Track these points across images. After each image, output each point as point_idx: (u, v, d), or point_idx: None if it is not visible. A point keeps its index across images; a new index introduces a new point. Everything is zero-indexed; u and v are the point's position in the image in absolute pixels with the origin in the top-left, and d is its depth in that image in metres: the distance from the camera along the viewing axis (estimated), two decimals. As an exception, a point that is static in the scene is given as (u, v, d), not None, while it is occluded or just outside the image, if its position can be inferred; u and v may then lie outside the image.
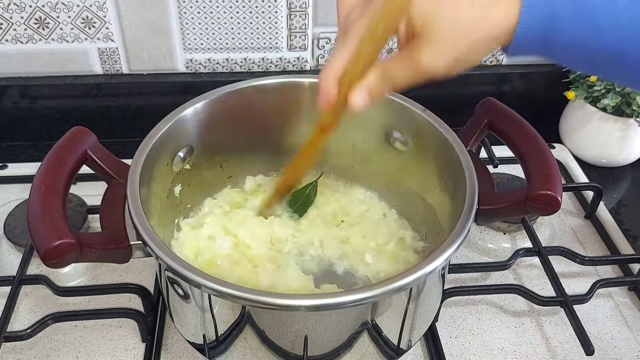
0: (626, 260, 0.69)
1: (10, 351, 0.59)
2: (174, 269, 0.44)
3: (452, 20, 0.38)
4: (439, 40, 0.39)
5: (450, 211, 0.56)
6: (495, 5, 0.38)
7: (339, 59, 0.42)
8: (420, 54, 0.39)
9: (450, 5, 0.38)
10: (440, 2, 0.38)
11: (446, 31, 0.38)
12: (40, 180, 0.49)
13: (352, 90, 0.42)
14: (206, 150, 0.63)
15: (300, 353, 0.48)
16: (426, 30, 0.38)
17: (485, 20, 0.38)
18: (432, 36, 0.38)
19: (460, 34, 0.38)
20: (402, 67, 0.41)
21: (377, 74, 0.42)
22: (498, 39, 0.39)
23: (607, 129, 0.81)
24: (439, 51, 0.39)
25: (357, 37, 0.41)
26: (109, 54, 0.82)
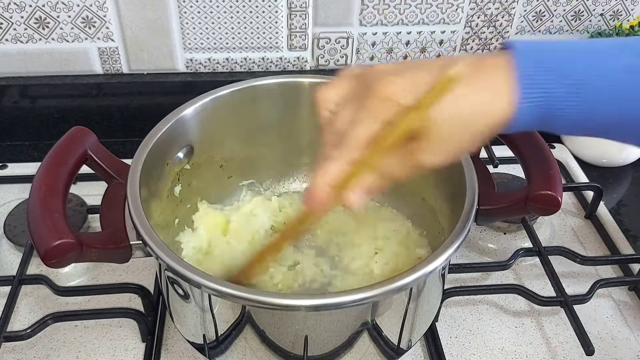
0: (626, 260, 0.69)
1: (10, 351, 0.59)
2: (174, 269, 0.44)
3: (453, 120, 0.38)
4: (439, 139, 0.39)
5: (450, 211, 0.56)
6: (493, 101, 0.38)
7: (337, 169, 0.40)
8: (420, 155, 0.39)
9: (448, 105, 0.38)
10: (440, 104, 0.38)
11: (446, 131, 0.38)
12: (40, 180, 0.49)
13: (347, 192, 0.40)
14: (206, 150, 0.63)
15: (300, 353, 0.48)
16: (426, 130, 0.38)
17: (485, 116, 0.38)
18: (432, 136, 0.38)
19: (460, 131, 0.39)
20: (401, 166, 0.41)
21: (374, 174, 0.41)
22: (497, 128, 0.39)
23: (607, 129, 0.81)
24: (441, 150, 0.39)
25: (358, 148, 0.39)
26: (109, 53, 0.82)
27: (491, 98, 0.38)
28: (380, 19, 0.82)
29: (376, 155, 0.39)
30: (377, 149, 0.39)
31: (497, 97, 0.38)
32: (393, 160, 0.40)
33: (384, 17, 0.82)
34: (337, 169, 0.40)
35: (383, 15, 0.82)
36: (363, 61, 0.86)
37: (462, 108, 0.38)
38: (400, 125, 0.38)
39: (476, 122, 0.38)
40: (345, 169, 0.40)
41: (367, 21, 0.82)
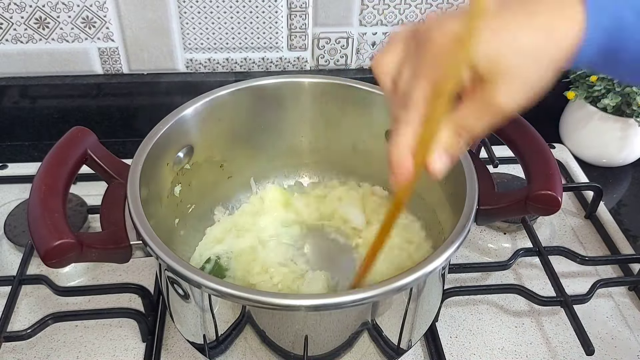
0: (626, 260, 0.69)
1: (10, 351, 0.59)
2: (174, 269, 0.44)
3: (518, 51, 0.35)
4: (513, 76, 0.36)
5: (450, 211, 0.56)
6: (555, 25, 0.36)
7: (408, 129, 0.38)
8: (494, 96, 0.36)
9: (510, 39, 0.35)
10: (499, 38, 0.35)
11: (518, 66, 0.36)
12: (41, 180, 0.49)
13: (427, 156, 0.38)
14: (206, 150, 0.63)
15: (300, 353, 0.48)
16: (494, 69, 0.35)
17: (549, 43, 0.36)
18: (503, 74, 0.36)
19: (530, 62, 0.36)
20: (478, 115, 0.37)
21: (450, 130, 0.38)
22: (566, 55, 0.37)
23: (607, 129, 0.81)
24: (514, 87, 0.36)
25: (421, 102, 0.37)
26: (109, 53, 0.82)
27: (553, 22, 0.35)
28: (381, 19, 0.82)
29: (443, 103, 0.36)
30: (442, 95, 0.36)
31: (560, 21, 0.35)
32: (468, 110, 0.37)
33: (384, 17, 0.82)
34: (411, 131, 0.38)
35: (383, 15, 0.82)
36: (363, 61, 0.86)
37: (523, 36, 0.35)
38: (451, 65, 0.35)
39: (542, 51, 0.36)
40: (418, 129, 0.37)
41: (367, 21, 0.82)
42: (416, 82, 0.37)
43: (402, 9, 0.81)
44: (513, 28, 0.35)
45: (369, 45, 0.85)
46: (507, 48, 0.35)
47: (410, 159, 0.38)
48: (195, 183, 0.64)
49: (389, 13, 0.82)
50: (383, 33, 0.84)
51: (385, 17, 0.82)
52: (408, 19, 0.82)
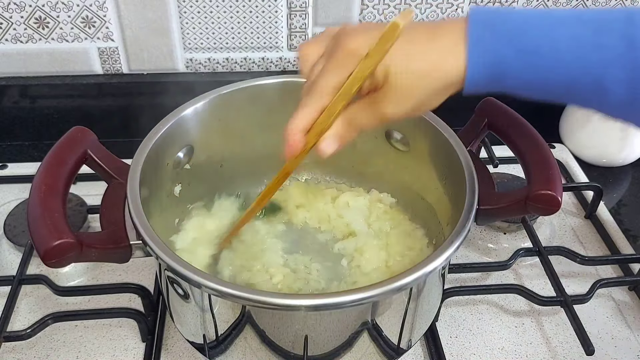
0: (626, 260, 0.69)
1: (10, 351, 0.59)
2: (174, 269, 0.44)
3: (409, 71, 0.42)
4: (399, 92, 0.42)
5: (450, 211, 0.56)
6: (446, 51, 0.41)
7: (307, 115, 0.44)
8: (383, 105, 0.43)
9: (405, 56, 0.41)
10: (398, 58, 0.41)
11: (405, 81, 0.42)
12: (40, 180, 0.49)
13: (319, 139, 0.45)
14: (206, 150, 0.63)
15: (300, 353, 0.48)
16: (387, 83, 0.42)
17: (437, 72, 0.41)
18: (392, 89, 0.42)
19: (417, 85, 0.42)
20: (367, 115, 0.44)
21: (343, 123, 0.44)
22: (452, 86, 0.42)
23: (607, 129, 0.81)
24: (400, 101, 0.43)
25: (324, 94, 0.43)
26: (109, 53, 0.82)
27: (443, 56, 0.41)
28: (381, 19, 0.82)
29: (342, 102, 0.43)
30: (343, 97, 0.43)
31: (448, 56, 0.41)
32: (360, 109, 0.44)
33: (384, 17, 0.82)
34: (308, 115, 0.44)
35: (383, 15, 0.82)
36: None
37: (417, 62, 0.42)
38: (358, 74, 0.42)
39: (430, 77, 0.42)
40: (315, 114, 0.44)
41: (367, 21, 0.82)
42: (322, 74, 0.44)
43: (402, 9, 0.81)
44: (410, 54, 0.42)
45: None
46: (400, 68, 0.42)
47: (301, 138, 0.45)
48: (195, 183, 0.64)
49: (389, 13, 0.82)
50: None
51: (385, 17, 0.82)
52: (408, 19, 0.82)
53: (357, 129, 0.45)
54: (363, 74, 0.42)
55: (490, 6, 0.83)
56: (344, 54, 0.42)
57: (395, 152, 0.64)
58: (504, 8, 0.44)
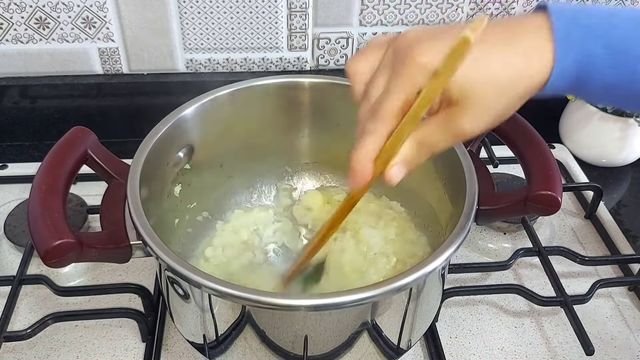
0: (626, 260, 0.69)
1: (10, 351, 0.59)
2: (174, 269, 0.44)
3: (489, 84, 0.37)
4: (478, 104, 0.38)
5: (450, 211, 0.56)
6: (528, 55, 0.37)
7: (375, 142, 0.40)
8: (460, 121, 0.38)
9: (485, 69, 0.37)
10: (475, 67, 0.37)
11: (484, 95, 0.37)
12: (41, 180, 0.49)
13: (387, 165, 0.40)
14: (206, 150, 0.63)
15: (300, 353, 0.48)
16: (463, 96, 0.38)
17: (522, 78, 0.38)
18: (471, 102, 0.38)
19: (498, 95, 0.38)
20: (441, 135, 0.40)
21: (413, 144, 0.40)
22: (533, 90, 0.39)
23: (607, 129, 0.81)
24: (479, 114, 0.38)
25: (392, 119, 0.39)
26: (109, 54, 0.82)
27: (526, 60, 0.37)
28: (381, 19, 0.82)
29: (410, 126, 0.38)
30: (413, 118, 0.38)
31: (532, 58, 0.37)
32: (432, 128, 0.40)
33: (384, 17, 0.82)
34: (376, 142, 0.40)
35: (383, 15, 0.82)
36: (363, 61, 0.86)
37: (497, 70, 0.37)
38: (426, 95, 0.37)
39: (513, 85, 0.38)
40: (382, 141, 0.39)
41: (367, 21, 0.82)
42: (389, 95, 0.39)
43: (402, 9, 0.81)
44: (488, 60, 0.37)
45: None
46: (478, 78, 0.37)
47: (370, 168, 0.40)
48: (195, 183, 0.64)
49: (389, 13, 0.82)
50: (383, 33, 0.84)
51: (385, 17, 0.82)
52: (408, 19, 0.82)
53: (430, 150, 0.40)
54: (433, 95, 0.37)
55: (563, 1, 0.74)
56: (412, 69, 0.37)
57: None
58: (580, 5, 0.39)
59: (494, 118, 0.39)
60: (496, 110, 0.39)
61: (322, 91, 0.64)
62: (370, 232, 0.63)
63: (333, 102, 0.65)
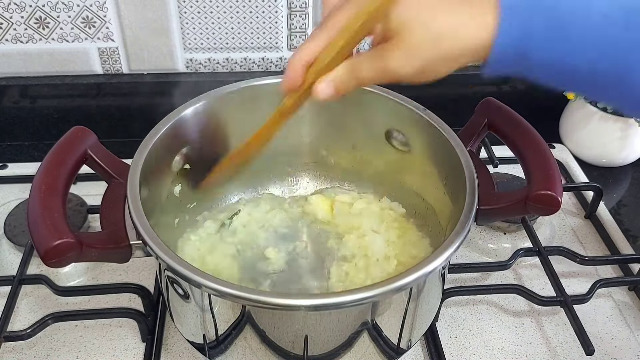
0: (626, 260, 0.69)
1: (10, 351, 0.59)
2: (174, 269, 0.44)
3: (427, 27, 0.39)
4: (411, 45, 0.39)
5: (450, 211, 0.56)
6: (471, 17, 0.38)
7: (311, 46, 0.42)
8: (390, 56, 0.40)
9: (427, 12, 0.38)
10: (418, 8, 0.38)
11: (419, 37, 0.39)
12: (40, 180, 0.49)
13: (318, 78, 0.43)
14: (206, 150, 0.63)
15: (300, 353, 0.48)
16: (400, 33, 0.39)
17: (460, 31, 0.39)
18: (404, 40, 0.39)
19: (433, 42, 0.39)
20: (371, 66, 0.41)
21: (345, 68, 0.42)
22: (471, 52, 0.39)
23: (607, 129, 0.81)
24: (408, 56, 0.40)
25: (333, 29, 0.41)
26: (109, 53, 0.82)
27: (468, 21, 0.38)
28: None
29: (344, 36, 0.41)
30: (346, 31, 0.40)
31: (473, 22, 0.38)
32: (364, 58, 0.41)
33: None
34: (312, 47, 0.42)
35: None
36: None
37: (437, 20, 0.39)
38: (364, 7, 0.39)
39: (449, 40, 0.39)
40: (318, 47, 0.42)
41: None
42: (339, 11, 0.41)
43: (402, 9, 0.81)
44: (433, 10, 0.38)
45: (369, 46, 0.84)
46: (418, 20, 0.38)
47: (301, 71, 0.43)
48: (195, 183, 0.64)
49: (389, 13, 0.82)
50: (383, 33, 0.83)
51: (385, 17, 0.82)
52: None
53: (358, 78, 0.42)
54: (369, 8, 0.39)
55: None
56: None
57: (395, 152, 0.64)
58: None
59: (419, 65, 0.40)
60: (424, 59, 0.39)
61: (322, 91, 0.64)
62: (373, 238, 0.62)
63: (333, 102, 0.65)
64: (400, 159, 0.64)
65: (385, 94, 0.62)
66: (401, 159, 0.64)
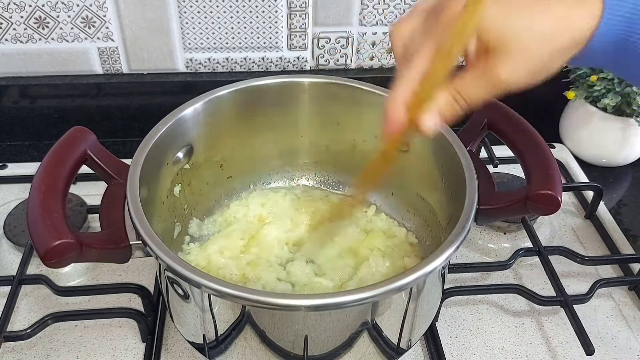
0: (626, 260, 0.69)
1: (10, 351, 0.59)
2: (174, 269, 0.44)
3: (530, 30, 0.36)
4: (517, 52, 0.37)
5: (450, 211, 0.56)
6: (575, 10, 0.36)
7: (406, 83, 0.39)
8: (497, 68, 0.37)
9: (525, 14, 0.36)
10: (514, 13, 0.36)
11: (524, 42, 0.36)
12: (40, 180, 0.49)
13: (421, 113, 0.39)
14: (206, 150, 0.63)
15: (300, 353, 0.48)
16: (502, 43, 0.36)
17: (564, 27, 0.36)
18: (509, 49, 0.36)
19: (539, 43, 0.36)
20: (478, 84, 0.39)
21: (449, 94, 0.39)
22: (578, 44, 0.37)
23: (607, 129, 0.81)
24: (518, 63, 0.37)
25: (424, 60, 0.38)
26: (109, 53, 0.82)
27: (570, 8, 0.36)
28: (381, 18, 0.82)
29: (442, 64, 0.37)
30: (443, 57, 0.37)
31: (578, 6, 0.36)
32: (469, 78, 0.39)
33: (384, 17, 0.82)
34: (408, 85, 0.39)
35: (383, 15, 0.82)
36: (363, 61, 0.86)
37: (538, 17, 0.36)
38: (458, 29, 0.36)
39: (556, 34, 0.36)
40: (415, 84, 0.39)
41: (367, 21, 0.82)
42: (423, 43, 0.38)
43: (402, 8, 0.81)
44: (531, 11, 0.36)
45: (369, 45, 0.85)
46: (519, 25, 0.36)
47: (403, 112, 0.40)
48: (195, 183, 0.64)
49: (389, 13, 0.82)
50: (383, 33, 0.84)
51: (385, 17, 0.82)
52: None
53: (466, 100, 0.39)
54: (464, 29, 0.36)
55: None
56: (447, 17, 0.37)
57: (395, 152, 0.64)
58: None
59: (534, 69, 0.37)
60: (537, 61, 0.37)
61: (322, 91, 0.64)
62: (376, 261, 0.61)
63: (333, 102, 0.65)
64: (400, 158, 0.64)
65: (385, 94, 0.62)
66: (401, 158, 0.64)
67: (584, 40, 0.37)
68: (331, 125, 0.67)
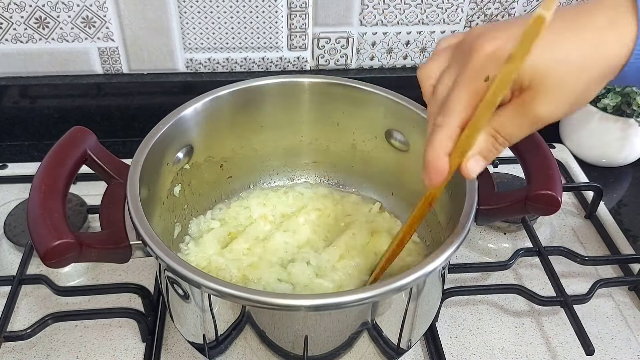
0: (626, 260, 0.69)
1: (10, 351, 0.59)
2: (174, 269, 0.44)
3: (565, 63, 0.35)
4: (554, 87, 0.36)
5: (450, 211, 0.56)
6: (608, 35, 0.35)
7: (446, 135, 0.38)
8: (535, 105, 0.37)
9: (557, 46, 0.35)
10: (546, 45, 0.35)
11: (560, 76, 0.36)
12: (40, 180, 0.49)
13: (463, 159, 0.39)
14: (206, 150, 0.63)
15: (300, 353, 0.48)
16: (537, 79, 0.36)
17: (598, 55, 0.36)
18: (545, 84, 0.36)
19: (576, 75, 0.36)
20: (517, 123, 0.38)
21: (489, 137, 0.39)
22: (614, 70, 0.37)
23: (607, 129, 0.81)
24: (556, 99, 0.36)
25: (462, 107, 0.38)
26: (109, 53, 0.82)
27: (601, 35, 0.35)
28: (381, 19, 0.82)
29: (486, 114, 0.37)
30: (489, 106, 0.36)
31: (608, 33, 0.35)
32: (507, 117, 0.38)
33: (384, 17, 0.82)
34: (448, 135, 0.38)
35: (383, 15, 0.82)
36: (363, 61, 0.86)
37: (570, 50, 0.35)
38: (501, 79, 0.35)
39: (590, 63, 0.36)
40: (455, 133, 0.38)
41: (367, 21, 0.82)
42: (456, 87, 0.38)
43: (402, 9, 0.81)
44: (560, 40, 0.35)
45: (369, 45, 0.85)
46: (552, 58, 0.35)
47: (446, 162, 0.39)
48: (195, 183, 0.64)
49: (389, 13, 0.82)
50: (383, 33, 0.84)
51: (386, 17, 0.82)
52: (408, 19, 0.82)
53: (507, 140, 0.39)
54: (507, 79, 0.34)
55: None
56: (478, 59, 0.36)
57: (395, 152, 0.64)
58: None
59: (572, 101, 0.37)
60: (574, 93, 0.36)
61: (322, 91, 0.65)
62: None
63: (333, 102, 0.65)
64: (400, 159, 0.64)
65: (385, 94, 0.62)
66: (401, 159, 0.64)
67: (620, 66, 0.36)
68: (331, 125, 0.67)
